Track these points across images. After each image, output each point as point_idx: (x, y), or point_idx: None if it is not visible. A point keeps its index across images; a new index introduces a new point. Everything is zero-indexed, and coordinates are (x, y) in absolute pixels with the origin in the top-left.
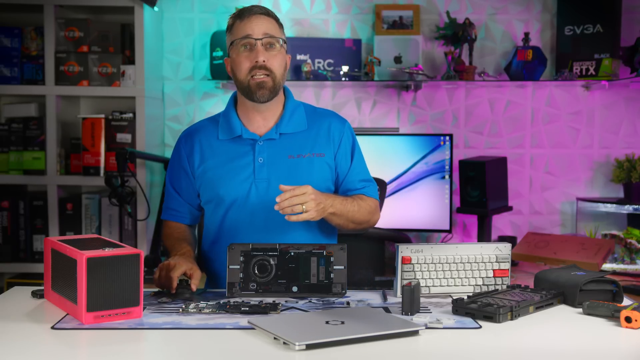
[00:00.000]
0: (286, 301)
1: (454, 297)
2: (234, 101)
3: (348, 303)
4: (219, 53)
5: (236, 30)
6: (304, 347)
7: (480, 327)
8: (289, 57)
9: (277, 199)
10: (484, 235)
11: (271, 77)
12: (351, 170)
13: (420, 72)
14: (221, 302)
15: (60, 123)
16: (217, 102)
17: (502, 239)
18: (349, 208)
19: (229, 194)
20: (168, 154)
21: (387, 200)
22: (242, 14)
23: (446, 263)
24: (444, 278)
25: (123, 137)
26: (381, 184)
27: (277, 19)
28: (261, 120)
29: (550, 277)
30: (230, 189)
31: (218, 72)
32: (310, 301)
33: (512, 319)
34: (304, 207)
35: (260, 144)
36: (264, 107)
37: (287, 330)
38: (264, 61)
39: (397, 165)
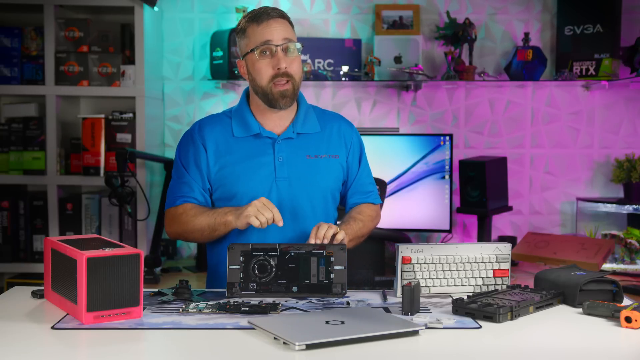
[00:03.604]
0: (286, 301)
1: (454, 297)
2: (246, 98)
3: (348, 303)
4: (219, 53)
5: (253, 35)
6: (304, 347)
7: (480, 327)
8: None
9: (312, 240)
10: (484, 235)
11: (292, 82)
12: (360, 174)
13: (420, 72)
14: (221, 302)
15: (60, 123)
16: (217, 102)
17: (502, 239)
18: (355, 228)
19: (248, 192)
20: (168, 154)
21: (387, 200)
22: (258, 18)
23: (446, 263)
24: (444, 278)
25: (123, 137)
26: (381, 184)
27: (290, 20)
28: (277, 119)
29: (550, 277)
30: (250, 187)
31: (218, 72)
32: (310, 301)
33: (512, 319)
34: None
35: (279, 142)
36: None
37: (287, 330)
38: (285, 68)
39: (397, 165)
